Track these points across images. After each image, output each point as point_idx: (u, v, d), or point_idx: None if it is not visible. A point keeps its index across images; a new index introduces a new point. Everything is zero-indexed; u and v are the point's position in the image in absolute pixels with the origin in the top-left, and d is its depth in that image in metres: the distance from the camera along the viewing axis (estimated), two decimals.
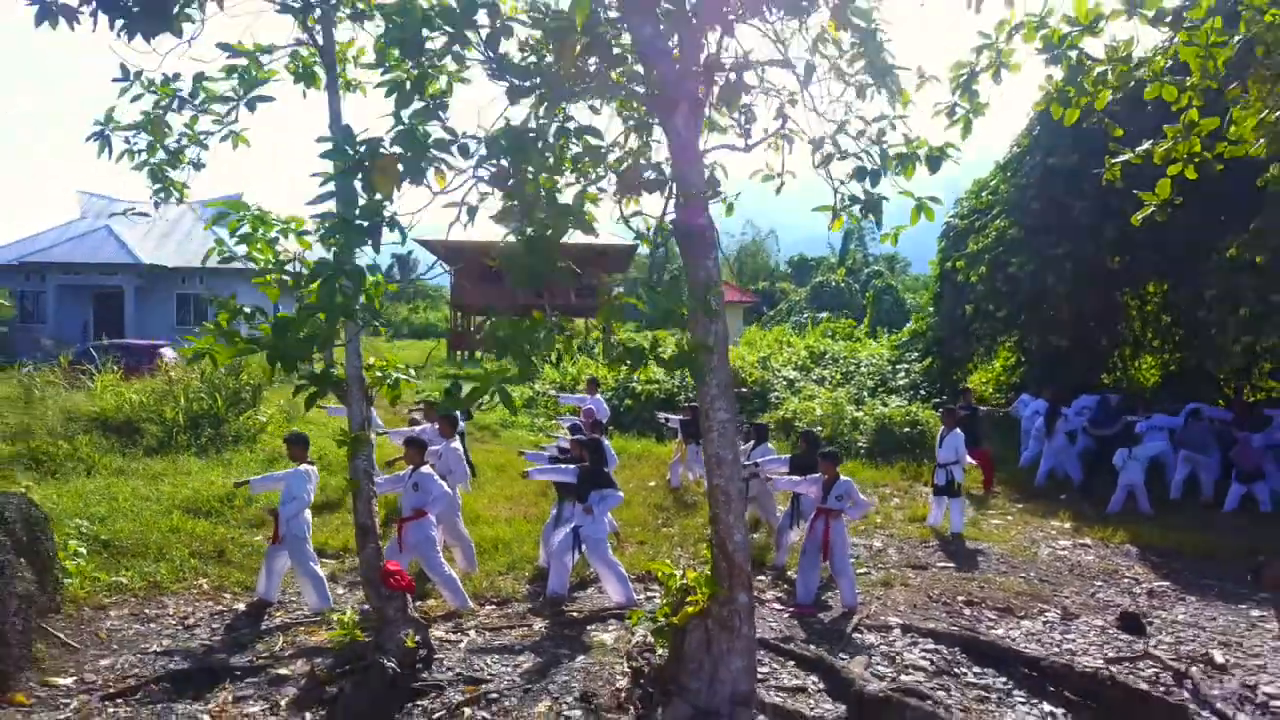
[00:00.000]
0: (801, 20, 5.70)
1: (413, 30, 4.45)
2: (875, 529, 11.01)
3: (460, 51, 4.62)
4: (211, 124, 7.09)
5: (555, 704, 5.79)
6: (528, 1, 5.04)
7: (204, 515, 10.22)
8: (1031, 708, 5.92)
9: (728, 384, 5.34)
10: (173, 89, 6.73)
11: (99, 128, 6.81)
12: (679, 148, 4.75)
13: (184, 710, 5.67)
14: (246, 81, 6.70)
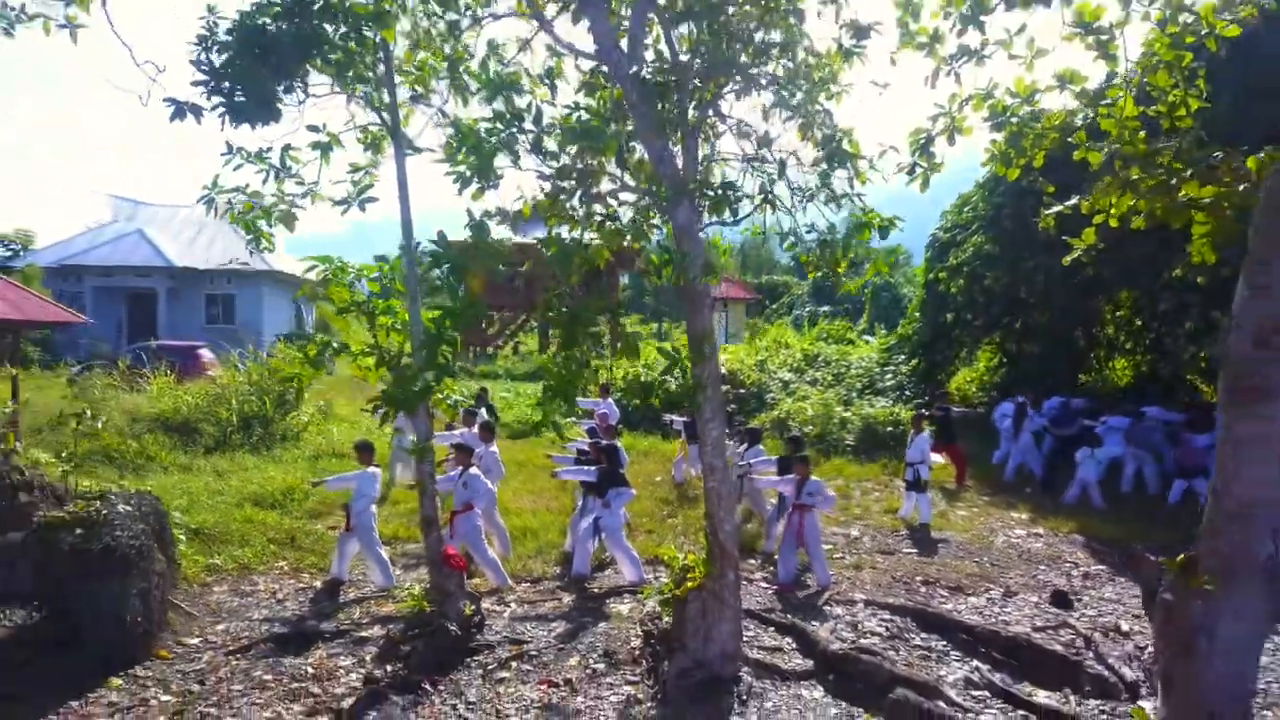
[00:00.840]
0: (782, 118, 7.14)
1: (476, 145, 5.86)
2: (854, 519, 12.46)
3: (514, 148, 6.04)
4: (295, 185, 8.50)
5: (583, 659, 7.26)
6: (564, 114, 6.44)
7: (270, 507, 11.70)
8: (963, 664, 7.36)
9: (719, 406, 6.76)
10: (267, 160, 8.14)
11: (206, 192, 8.23)
12: (680, 232, 6.15)
13: (290, 664, 7.15)
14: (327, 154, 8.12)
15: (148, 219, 37.00)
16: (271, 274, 34.60)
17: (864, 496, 13.86)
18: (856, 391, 19.71)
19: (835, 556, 10.42)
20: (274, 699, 6.51)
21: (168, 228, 36.70)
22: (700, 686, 6.63)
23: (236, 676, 6.88)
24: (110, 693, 6.50)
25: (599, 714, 6.35)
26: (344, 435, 16.94)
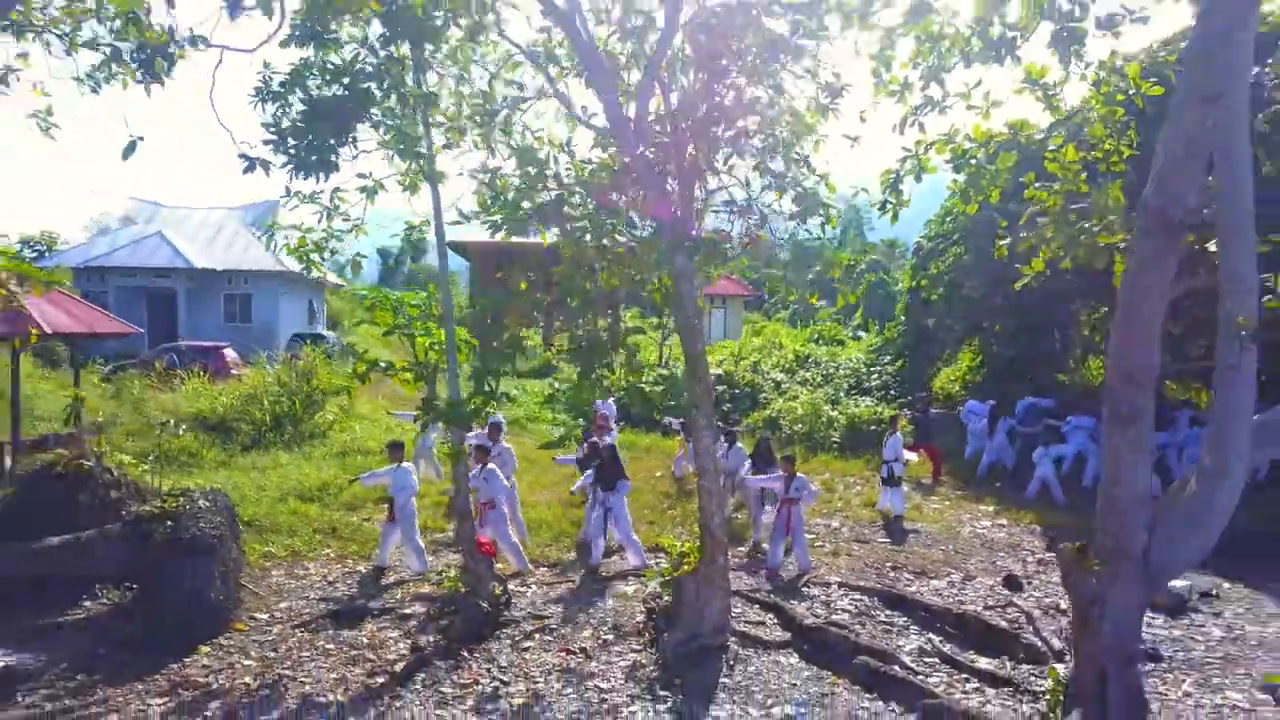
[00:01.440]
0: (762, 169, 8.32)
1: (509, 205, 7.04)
2: (835, 511, 13.69)
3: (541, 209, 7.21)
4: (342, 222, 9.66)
5: (595, 631, 8.48)
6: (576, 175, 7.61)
7: (309, 500, 12.90)
8: (919, 636, 8.58)
9: (711, 416, 7.95)
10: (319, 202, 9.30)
11: (269, 228, 9.39)
12: (679, 276, 7.32)
13: (346, 635, 8.36)
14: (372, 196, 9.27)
15: (166, 221, 38.11)
16: (286, 274, 35.72)
17: (846, 490, 15.08)
18: (844, 391, 20.91)
19: (816, 545, 11.63)
20: (337, 664, 7.73)
21: (183, 229, 37.79)
22: (695, 654, 7.84)
23: (303, 646, 8.09)
24: (201, 658, 7.72)
25: (609, 676, 7.56)
26: (365, 432, 18.12)
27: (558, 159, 7.48)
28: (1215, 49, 4.90)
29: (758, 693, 7.25)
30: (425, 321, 9.04)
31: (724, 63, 8.06)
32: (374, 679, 7.40)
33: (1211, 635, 8.89)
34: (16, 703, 6.80)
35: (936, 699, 7.05)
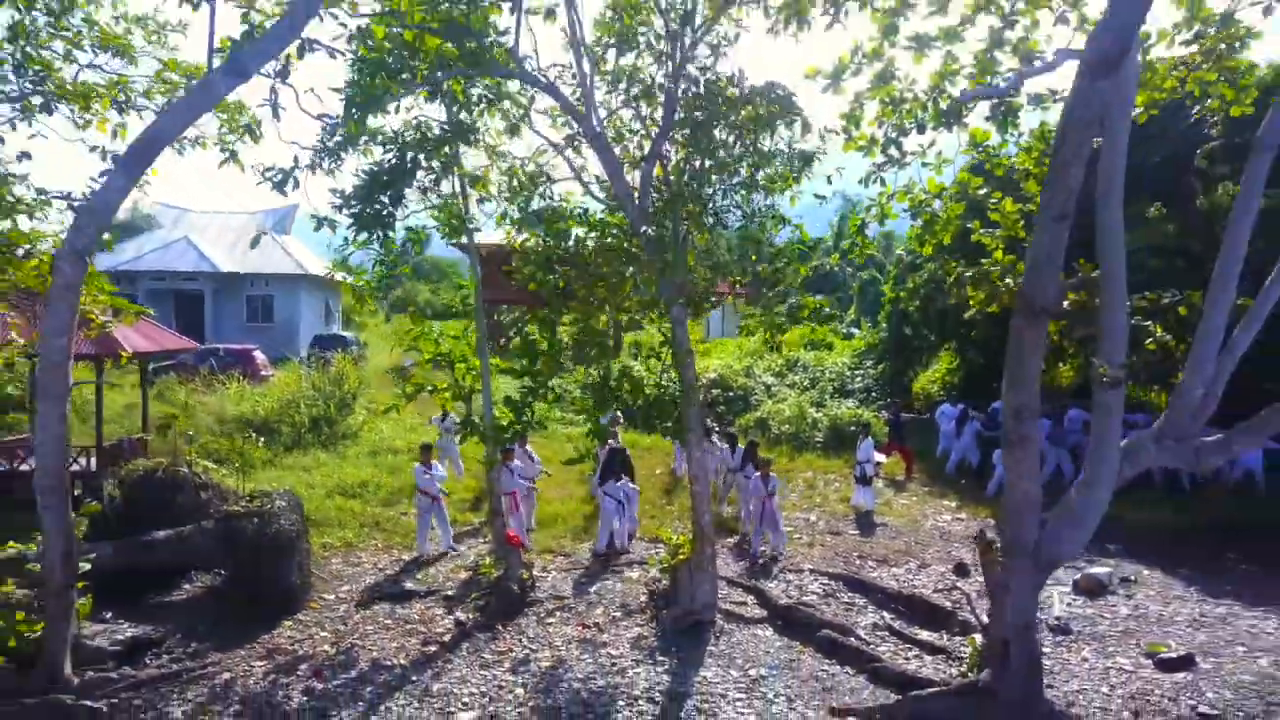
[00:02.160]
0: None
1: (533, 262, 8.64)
2: (814, 506, 15.34)
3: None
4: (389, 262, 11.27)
5: (606, 609, 10.15)
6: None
7: (351, 497, 14.56)
8: (875, 614, 10.24)
9: (700, 433, 9.58)
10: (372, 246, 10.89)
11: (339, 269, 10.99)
12: (675, 322, 8.94)
13: (400, 612, 10.03)
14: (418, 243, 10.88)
15: (191, 225, 39.68)
16: (306, 277, 37.32)
17: (825, 487, 16.73)
18: (828, 394, 22.52)
19: (795, 536, 13.30)
20: (396, 635, 9.40)
21: (207, 233, 39.36)
22: (688, 628, 9.50)
23: (366, 621, 9.77)
24: (285, 630, 9.39)
25: (618, 645, 9.22)
26: (392, 432, 19.75)
27: (575, 234, 9.07)
28: (1061, 177, 6.50)
29: (739, 659, 8.92)
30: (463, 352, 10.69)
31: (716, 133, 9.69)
32: (427, 647, 9.07)
33: (1119, 613, 10.54)
34: (148, 664, 8.47)
35: (882, 663, 8.72)
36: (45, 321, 7.13)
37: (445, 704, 7.87)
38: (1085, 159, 6.34)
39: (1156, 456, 7.76)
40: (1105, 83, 5.98)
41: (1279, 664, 8.84)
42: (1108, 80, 5.99)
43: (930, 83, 10.57)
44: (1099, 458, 7.51)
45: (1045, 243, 6.70)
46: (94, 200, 7.06)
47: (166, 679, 8.15)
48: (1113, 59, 5.84)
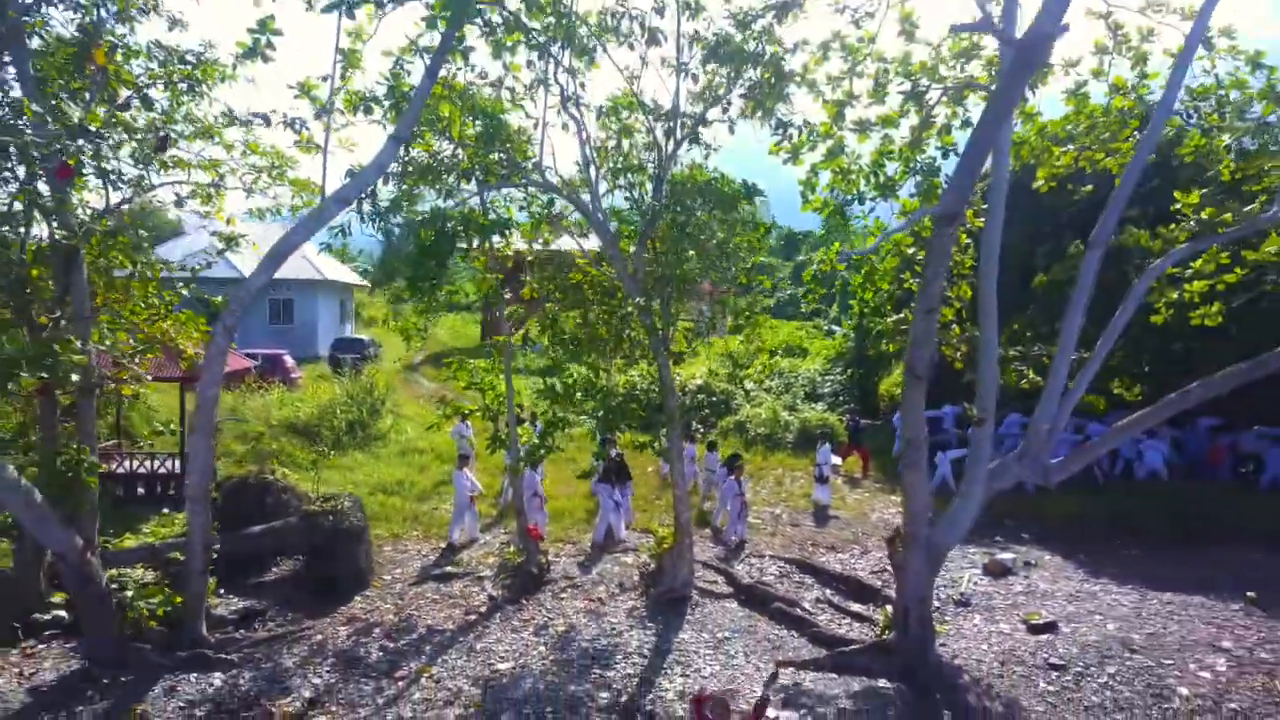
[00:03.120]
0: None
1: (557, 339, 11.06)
2: (780, 501, 17.85)
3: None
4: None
5: (607, 587, 12.64)
6: None
7: (391, 494, 16.99)
8: (819, 590, 12.73)
9: (679, 444, 12.02)
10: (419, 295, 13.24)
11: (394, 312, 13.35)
12: (661, 364, 11.36)
13: (444, 589, 12.49)
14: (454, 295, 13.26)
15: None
16: (325, 282, 39.59)
17: (792, 484, 19.24)
18: (800, 398, 24.99)
19: (760, 527, 15.80)
20: (443, 607, 11.87)
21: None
22: (671, 601, 11.97)
23: (419, 596, 12.24)
24: (357, 603, 11.85)
25: (616, 614, 11.69)
26: (416, 433, 22.18)
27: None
28: (930, 285, 8.93)
29: (709, 625, 11.41)
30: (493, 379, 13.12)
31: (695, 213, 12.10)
32: (469, 616, 11.55)
33: (1013, 590, 13.07)
34: (257, 629, 10.93)
35: (819, 628, 11.23)
36: (202, 375, 9.54)
37: (487, 658, 10.34)
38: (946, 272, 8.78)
39: (1018, 473, 10.24)
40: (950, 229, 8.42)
41: (1122, 628, 11.38)
42: (952, 228, 8.42)
43: (871, 159, 13.02)
44: (972, 476, 10.00)
45: (920, 328, 9.15)
46: (241, 292, 9.45)
47: (275, 639, 10.62)
48: (955, 214, 8.27)
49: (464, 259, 12.44)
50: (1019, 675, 10.08)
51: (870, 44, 11.97)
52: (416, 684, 9.64)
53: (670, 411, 11.61)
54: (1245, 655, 10.80)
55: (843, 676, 9.96)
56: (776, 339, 33.32)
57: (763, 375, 26.37)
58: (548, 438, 10.88)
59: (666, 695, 9.43)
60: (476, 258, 12.41)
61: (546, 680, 9.71)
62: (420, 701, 9.24)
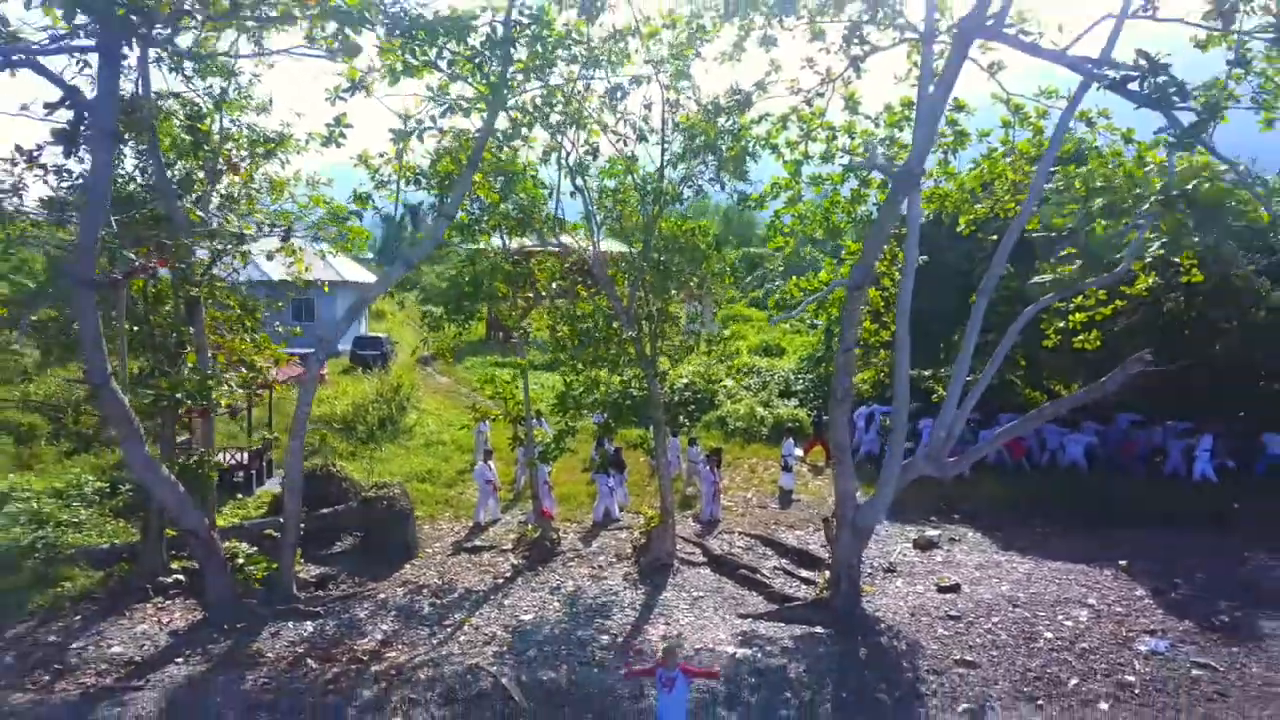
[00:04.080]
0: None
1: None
2: (752, 487, 20.63)
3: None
4: None
5: (606, 558, 15.43)
6: None
7: (422, 481, 19.71)
8: (777, 560, 15.54)
9: (663, 439, 14.78)
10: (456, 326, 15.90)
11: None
12: (650, 379, 14.06)
13: (476, 559, 15.26)
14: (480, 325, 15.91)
15: None
16: (343, 283, 42.13)
17: (764, 472, 22.02)
18: (775, 395, 27.72)
19: (732, 509, 18.59)
20: (476, 573, 14.63)
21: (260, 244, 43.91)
22: (657, 568, 14.76)
23: (456, 565, 15.00)
24: (407, 570, 14.61)
25: (613, 579, 14.47)
26: (437, 426, 24.90)
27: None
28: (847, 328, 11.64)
29: (687, 587, 14.19)
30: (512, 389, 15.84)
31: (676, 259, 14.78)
32: (496, 580, 14.32)
33: (935, 560, 15.88)
34: (332, 590, 13.68)
35: (773, 590, 14.02)
36: (300, 398, 12.24)
37: (513, 611, 13.12)
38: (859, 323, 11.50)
39: (924, 469, 12.99)
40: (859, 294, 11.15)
41: (1012, 589, 14.21)
42: (860, 294, 11.15)
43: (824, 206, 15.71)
44: (888, 473, 12.75)
45: (841, 362, 11.89)
46: (329, 335, 12.13)
47: (348, 597, 13.38)
48: (861, 284, 10.99)
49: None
50: (923, 624, 12.91)
51: (821, 116, 14.66)
52: (460, 630, 12.42)
53: (657, 419, 14.37)
54: (1105, 609, 13.67)
55: (788, 625, 12.76)
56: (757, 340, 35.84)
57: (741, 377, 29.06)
58: (561, 441, 13.62)
59: (652, 638, 12.23)
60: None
61: (560, 627, 12.51)
62: (464, 643, 12.02)
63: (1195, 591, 14.46)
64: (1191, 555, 16.01)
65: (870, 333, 17.17)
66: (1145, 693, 11.40)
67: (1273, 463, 21.04)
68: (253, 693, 10.57)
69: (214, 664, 11.25)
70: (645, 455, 22.61)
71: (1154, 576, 14.96)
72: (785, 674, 11.29)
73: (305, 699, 10.42)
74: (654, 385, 14.18)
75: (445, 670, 11.10)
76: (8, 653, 11.46)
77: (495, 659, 11.45)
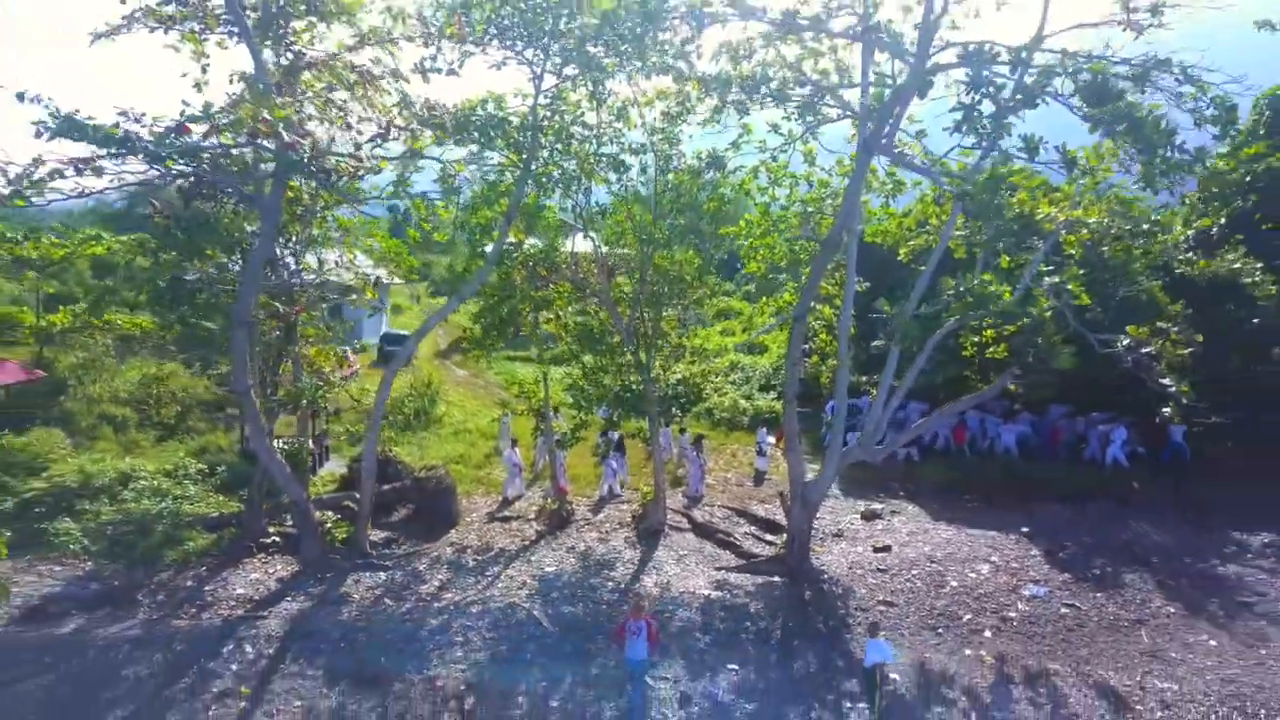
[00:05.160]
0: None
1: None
2: (732, 469, 23.96)
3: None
4: None
5: (610, 525, 18.78)
6: None
7: (456, 464, 23.01)
8: (748, 528, 18.88)
9: (657, 426, 18.07)
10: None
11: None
12: (645, 381, 17.33)
13: (505, 526, 18.61)
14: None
15: None
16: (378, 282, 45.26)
17: (743, 456, 25.35)
18: (756, 389, 31.00)
19: (715, 488, 21.93)
20: (506, 537, 17.98)
21: None
22: (651, 533, 18.09)
23: (490, 531, 18.35)
24: (452, 535, 17.95)
25: (617, 542, 17.80)
26: (463, 416, 28.17)
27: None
28: (793, 348, 14.89)
29: (674, 548, 17.54)
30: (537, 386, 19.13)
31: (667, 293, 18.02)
32: (524, 542, 17.67)
33: (876, 528, 19.22)
34: (394, 549, 17.02)
35: (743, 549, 17.37)
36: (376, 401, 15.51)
37: (539, 565, 16.46)
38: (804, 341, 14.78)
39: (858, 454, 16.27)
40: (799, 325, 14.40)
41: (933, 550, 17.55)
42: (800, 324, 14.41)
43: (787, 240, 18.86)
44: (830, 459, 16.04)
45: (790, 373, 15.15)
46: (402, 353, 15.38)
47: (409, 555, 16.73)
48: (801, 315, 14.26)
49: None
50: (857, 575, 16.28)
51: (786, 168, 17.85)
52: (498, 578, 15.77)
53: (652, 414, 17.66)
54: (1003, 565, 17.03)
55: (753, 576, 16.11)
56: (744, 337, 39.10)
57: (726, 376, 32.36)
58: (575, 432, 16.93)
59: (647, 585, 15.58)
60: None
61: (575, 576, 15.86)
62: (502, 588, 15.36)
63: (1079, 552, 17.81)
64: (1084, 524, 19.34)
65: (825, 342, 20.40)
66: (1021, 625, 14.78)
67: (1174, 450, 24.29)
68: (348, 621, 13.94)
69: (315, 601, 14.61)
70: (643, 443, 26.02)
71: (1049, 540, 18.30)
72: (747, 610, 14.66)
73: (388, 626, 13.79)
74: (649, 386, 17.46)
75: (490, 606, 14.48)
76: (158, 593, 14.82)
77: (527, 599, 14.83)
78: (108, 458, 19.24)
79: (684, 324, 20.33)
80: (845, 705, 12.07)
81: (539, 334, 19.67)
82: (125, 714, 11.49)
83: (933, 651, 13.78)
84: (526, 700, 11.96)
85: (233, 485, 18.62)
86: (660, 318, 17.66)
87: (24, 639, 13.13)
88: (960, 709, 12.23)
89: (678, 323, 19.64)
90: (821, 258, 14.83)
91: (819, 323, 23.10)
